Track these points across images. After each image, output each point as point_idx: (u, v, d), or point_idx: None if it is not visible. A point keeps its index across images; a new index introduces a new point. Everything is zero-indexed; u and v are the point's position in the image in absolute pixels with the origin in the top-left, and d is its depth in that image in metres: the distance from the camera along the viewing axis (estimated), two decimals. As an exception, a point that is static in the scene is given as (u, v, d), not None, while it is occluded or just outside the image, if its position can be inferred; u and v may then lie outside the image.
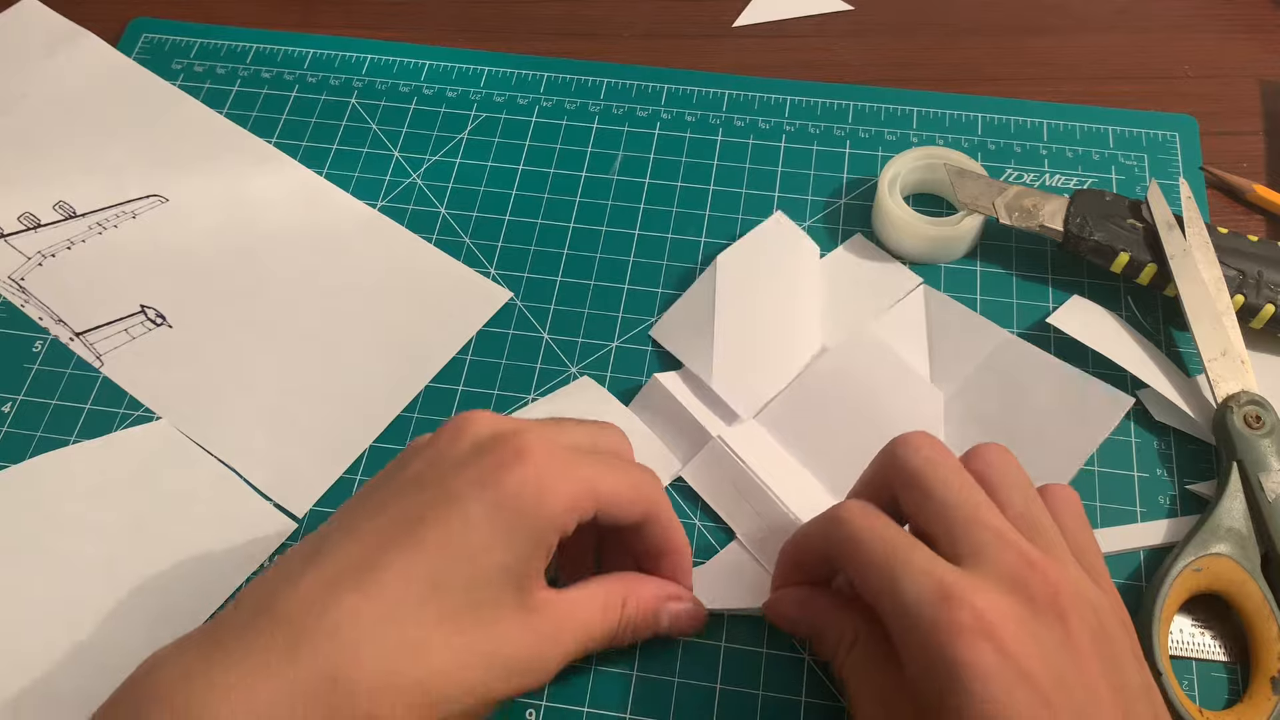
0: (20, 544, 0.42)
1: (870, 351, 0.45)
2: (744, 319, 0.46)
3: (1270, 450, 0.41)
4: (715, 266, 0.47)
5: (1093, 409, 0.43)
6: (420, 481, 0.34)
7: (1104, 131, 0.53)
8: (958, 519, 0.33)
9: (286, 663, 0.30)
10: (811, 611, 0.38)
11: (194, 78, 0.57)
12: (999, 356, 0.45)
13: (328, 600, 0.31)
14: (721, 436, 0.43)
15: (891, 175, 0.49)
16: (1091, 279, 0.48)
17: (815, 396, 0.44)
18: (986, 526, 0.33)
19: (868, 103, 0.55)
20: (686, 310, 0.47)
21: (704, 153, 0.53)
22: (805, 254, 0.49)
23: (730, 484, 0.42)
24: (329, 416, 0.46)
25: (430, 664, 0.32)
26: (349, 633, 0.31)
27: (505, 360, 0.47)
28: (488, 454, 0.34)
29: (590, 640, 0.36)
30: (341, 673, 0.30)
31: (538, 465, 0.33)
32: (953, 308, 0.47)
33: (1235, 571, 0.39)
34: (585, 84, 0.56)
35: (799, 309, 0.47)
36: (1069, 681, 0.30)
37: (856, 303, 0.47)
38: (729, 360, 0.45)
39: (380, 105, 0.56)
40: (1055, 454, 0.43)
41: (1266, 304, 0.44)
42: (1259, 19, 0.58)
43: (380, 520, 0.33)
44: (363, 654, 0.31)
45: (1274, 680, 0.37)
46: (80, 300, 0.49)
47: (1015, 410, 0.44)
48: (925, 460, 0.35)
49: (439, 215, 0.52)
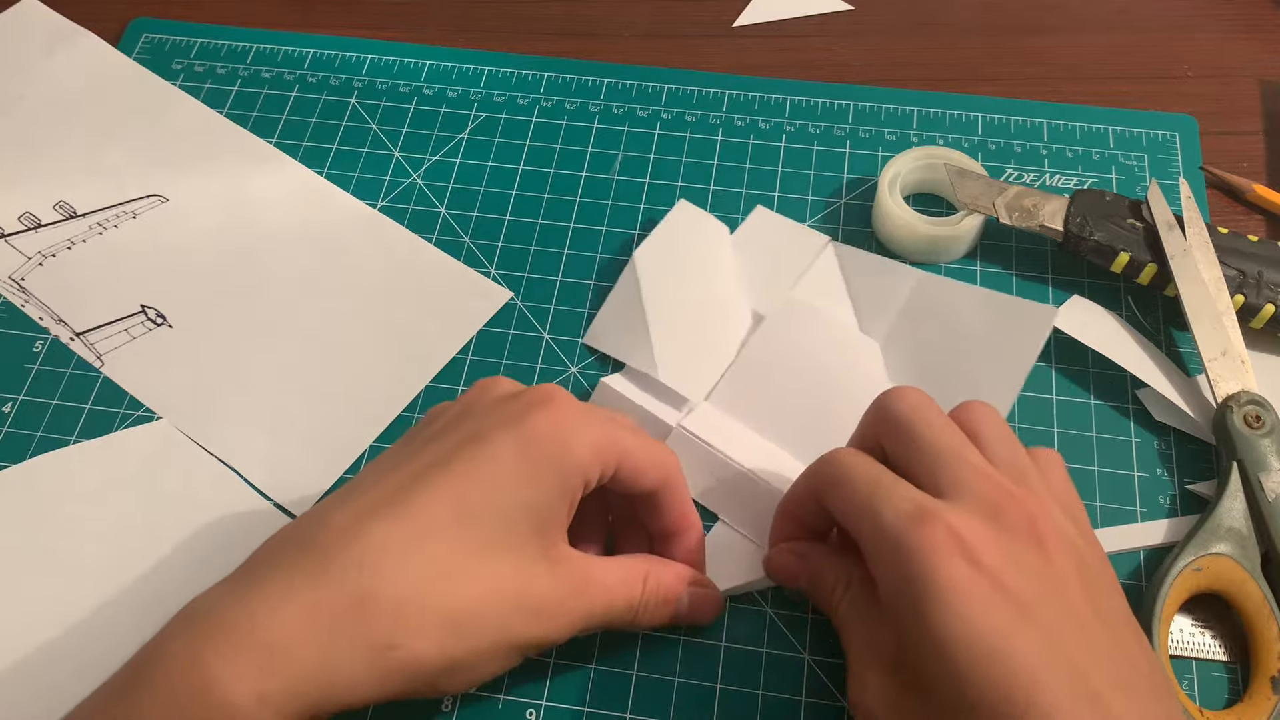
0: (20, 544, 0.42)
1: (800, 317, 0.46)
2: (674, 307, 0.47)
3: (1270, 450, 0.41)
4: (633, 263, 0.47)
5: (1022, 325, 0.44)
6: (446, 430, 0.35)
7: (1104, 131, 0.53)
8: (940, 457, 0.34)
9: (311, 586, 0.31)
10: (808, 561, 0.38)
11: (194, 78, 0.57)
12: (919, 294, 0.46)
13: (357, 530, 0.32)
14: (682, 425, 0.43)
15: (892, 175, 0.49)
16: (1091, 279, 0.48)
17: (759, 370, 0.45)
18: (967, 463, 0.33)
19: (868, 103, 0.55)
20: (614, 311, 0.47)
21: (704, 153, 0.53)
22: (716, 234, 0.49)
23: (702, 468, 0.43)
24: (329, 416, 0.46)
25: (456, 592, 0.32)
26: (376, 557, 0.31)
27: (505, 360, 0.47)
28: (514, 401, 0.35)
29: (611, 607, 0.36)
30: (367, 594, 0.31)
31: (564, 412, 0.34)
32: (864, 257, 0.48)
33: (1235, 571, 0.39)
34: (585, 84, 0.56)
35: (723, 287, 0.48)
36: (1049, 600, 0.30)
37: (773, 271, 0.48)
38: (669, 350, 0.45)
39: (380, 105, 0.56)
40: (995, 376, 0.43)
41: (1267, 304, 0.44)
42: (1259, 19, 0.58)
43: (409, 467, 0.34)
44: (389, 577, 0.31)
45: (1274, 680, 0.37)
46: (80, 300, 0.49)
47: (949, 343, 0.44)
48: (911, 408, 0.35)
49: (439, 215, 0.52)
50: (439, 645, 0.32)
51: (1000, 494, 0.32)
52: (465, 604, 0.32)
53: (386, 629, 0.31)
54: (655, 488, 0.37)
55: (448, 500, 0.33)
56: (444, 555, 0.32)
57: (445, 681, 0.33)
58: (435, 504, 0.33)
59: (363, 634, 0.31)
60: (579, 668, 0.40)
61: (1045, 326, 0.44)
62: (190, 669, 0.30)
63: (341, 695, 0.31)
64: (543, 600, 0.34)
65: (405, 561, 0.32)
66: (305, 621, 0.30)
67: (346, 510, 0.33)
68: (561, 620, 0.34)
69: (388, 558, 0.32)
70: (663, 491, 0.37)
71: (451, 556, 0.32)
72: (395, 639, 0.31)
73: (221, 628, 0.30)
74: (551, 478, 0.34)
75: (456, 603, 0.32)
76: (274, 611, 0.30)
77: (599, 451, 0.35)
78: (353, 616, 0.31)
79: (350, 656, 0.31)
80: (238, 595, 0.31)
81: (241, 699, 0.29)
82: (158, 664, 0.30)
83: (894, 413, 0.36)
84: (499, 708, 0.39)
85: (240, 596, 0.31)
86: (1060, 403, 0.45)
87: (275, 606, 0.31)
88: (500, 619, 0.33)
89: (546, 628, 0.34)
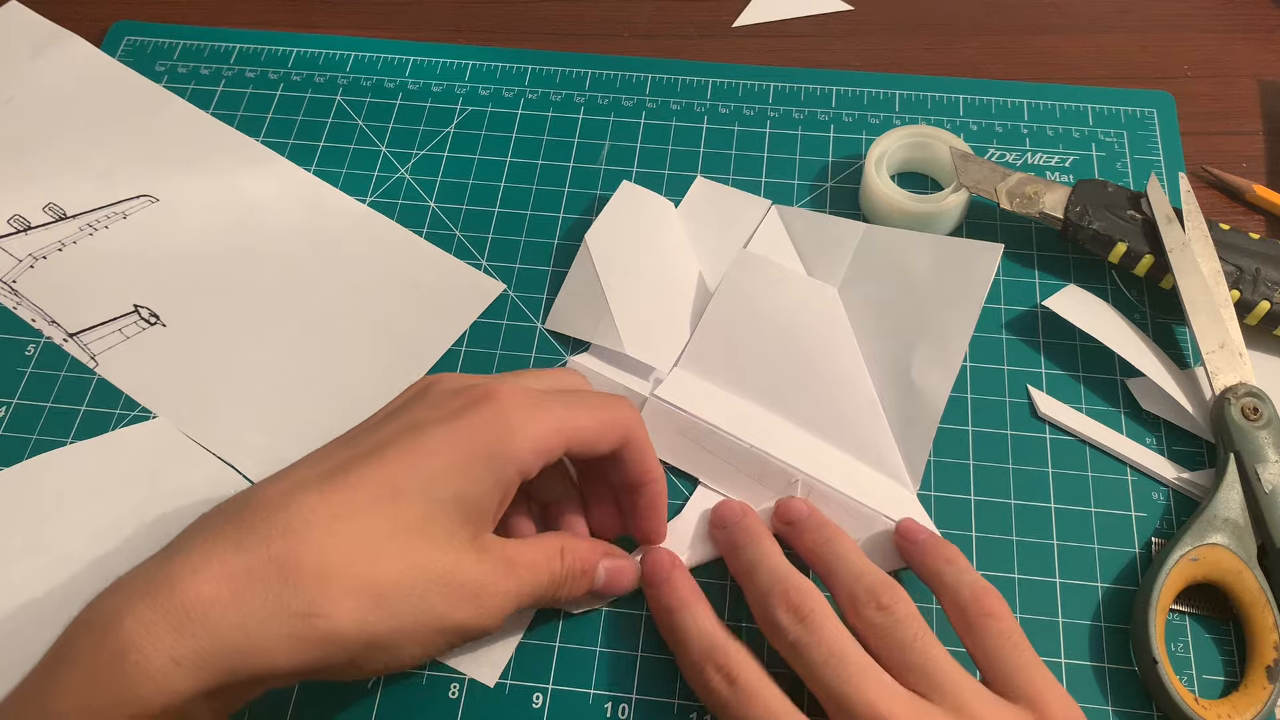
0: (20, 543, 0.42)
1: (757, 270, 0.47)
2: (631, 283, 0.47)
3: (1267, 442, 0.41)
4: (585, 245, 0.48)
5: (969, 264, 0.45)
6: (387, 420, 0.36)
7: (1083, 110, 0.54)
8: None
9: (234, 550, 0.31)
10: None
11: (178, 79, 0.57)
12: (866, 245, 0.47)
13: (286, 500, 0.32)
14: (655, 394, 0.44)
15: (879, 153, 0.50)
16: (1076, 254, 0.49)
17: (723, 329, 0.46)
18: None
19: (851, 87, 0.55)
20: (572, 294, 0.48)
21: (690, 140, 0.54)
22: (662, 209, 0.50)
23: (681, 435, 0.44)
24: (325, 411, 0.46)
25: (380, 565, 0.32)
26: (301, 526, 0.31)
27: (500, 351, 0.47)
28: (455, 398, 0.35)
29: (538, 584, 0.36)
30: (289, 560, 0.31)
31: (504, 405, 0.35)
32: (807, 216, 0.49)
33: (1232, 561, 0.39)
34: (570, 75, 0.56)
35: (675, 259, 0.49)
36: None
37: (721, 238, 0.49)
38: (632, 324, 0.46)
39: (366, 101, 0.56)
40: (948, 317, 0.44)
41: (1262, 300, 0.44)
42: (1259, 19, 0.58)
43: (347, 451, 0.35)
44: (313, 545, 0.31)
45: (1269, 669, 0.38)
46: (73, 301, 0.49)
47: (900, 289, 0.45)
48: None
49: (429, 209, 0.52)
50: (359, 617, 0.31)
51: None
52: (388, 578, 0.32)
53: (307, 596, 0.31)
54: (614, 449, 0.37)
55: (379, 482, 0.33)
56: (371, 531, 0.32)
57: (367, 660, 0.32)
58: (367, 483, 0.33)
59: (282, 600, 0.30)
60: (584, 650, 0.40)
61: (991, 264, 0.44)
62: (107, 634, 0.29)
63: (260, 662, 0.30)
64: (469, 582, 0.34)
65: (331, 532, 0.32)
66: (224, 584, 0.30)
67: (279, 484, 0.33)
68: (491, 603, 0.34)
69: (313, 527, 0.32)
70: (623, 450, 0.38)
71: (378, 533, 0.32)
72: (315, 607, 0.31)
73: (142, 593, 0.30)
74: (485, 473, 0.34)
75: (380, 576, 0.32)
76: (194, 574, 0.30)
77: (541, 443, 0.35)
78: (273, 581, 0.30)
79: (269, 622, 0.30)
80: (159, 561, 0.31)
81: (156, 662, 0.29)
82: (79, 633, 0.30)
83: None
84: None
85: (162, 563, 0.31)
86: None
87: (195, 569, 0.30)
88: (424, 598, 0.33)
89: (475, 611, 0.34)
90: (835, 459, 0.43)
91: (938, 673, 0.34)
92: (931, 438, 0.42)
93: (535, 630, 0.41)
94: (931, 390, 0.43)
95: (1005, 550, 0.42)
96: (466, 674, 0.40)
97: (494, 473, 0.34)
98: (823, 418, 0.44)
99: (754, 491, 0.42)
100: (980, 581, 0.37)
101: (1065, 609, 0.41)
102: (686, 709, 0.39)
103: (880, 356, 0.44)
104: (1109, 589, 0.41)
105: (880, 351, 0.45)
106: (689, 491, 0.43)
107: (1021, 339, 0.47)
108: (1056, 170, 0.52)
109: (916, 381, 0.43)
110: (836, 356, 0.45)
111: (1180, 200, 0.47)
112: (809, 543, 0.39)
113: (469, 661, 0.40)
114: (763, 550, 0.39)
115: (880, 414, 0.44)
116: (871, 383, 0.44)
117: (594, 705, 0.39)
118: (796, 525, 0.40)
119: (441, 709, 0.39)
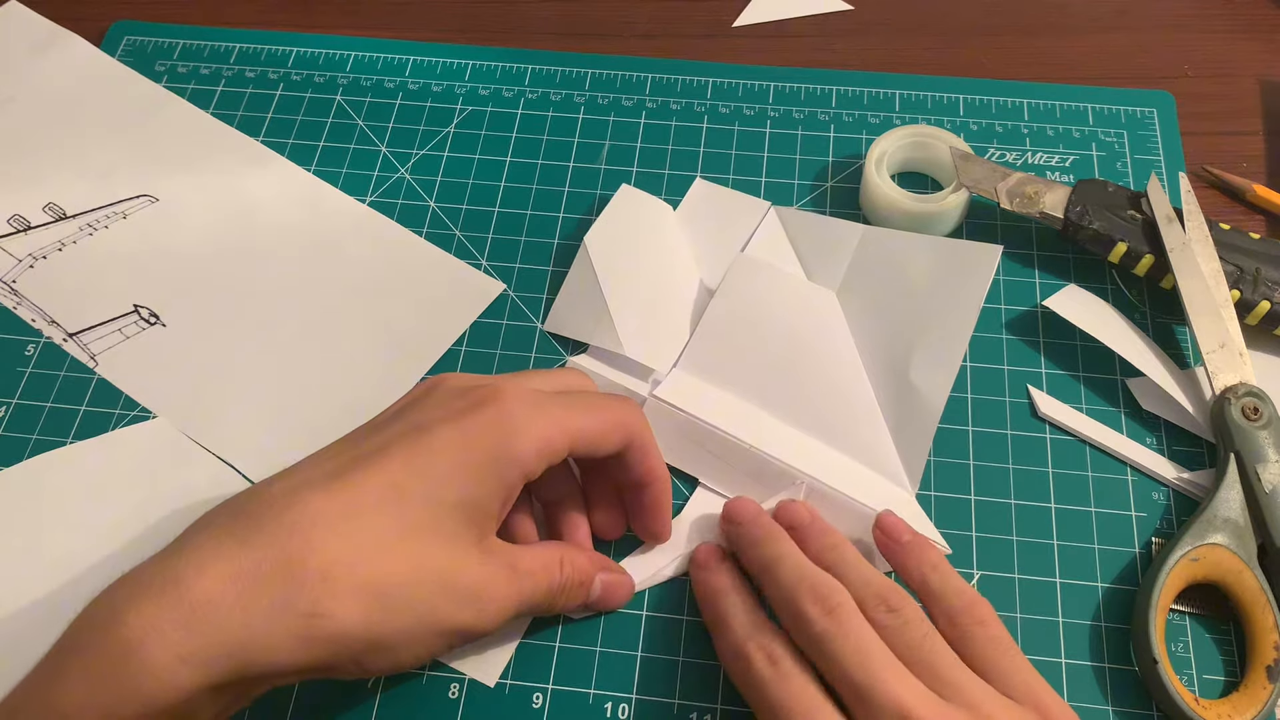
0: (20, 543, 0.42)
1: (756, 273, 0.47)
2: (630, 285, 0.47)
3: (1268, 442, 0.41)
4: (584, 247, 0.48)
5: (968, 265, 0.45)
6: (392, 420, 0.36)
7: (1083, 109, 0.54)
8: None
9: (240, 549, 0.31)
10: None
11: (178, 79, 0.57)
12: (866, 247, 0.47)
13: (292, 499, 0.32)
14: (655, 394, 0.44)
15: (879, 153, 0.50)
16: (1076, 254, 0.49)
17: (722, 331, 0.46)
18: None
19: (851, 87, 0.55)
20: (571, 295, 0.48)
21: (690, 140, 0.54)
22: (661, 212, 0.50)
23: (680, 436, 0.44)
24: (325, 411, 0.46)
25: (384, 567, 0.32)
26: (307, 525, 0.32)
27: (500, 350, 0.47)
28: (459, 399, 0.35)
29: (537, 591, 0.36)
30: (295, 559, 0.31)
31: (508, 407, 0.35)
32: (806, 217, 0.49)
33: (1232, 561, 0.39)
34: (570, 75, 0.56)
35: (674, 261, 0.49)
36: None
37: (720, 241, 0.49)
38: (632, 326, 0.46)
39: (366, 101, 0.56)
40: (947, 319, 0.44)
41: (1262, 300, 0.44)
42: (1259, 19, 0.58)
43: (352, 451, 0.35)
44: (318, 545, 0.31)
45: (1269, 669, 0.38)
46: (73, 301, 0.49)
47: (899, 290, 0.45)
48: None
49: (429, 209, 0.52)
50: (364, 617, 0.31)
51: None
52: (393, 579, 0.32)
53: (312, 595, 0.31)
54: (618, 449, 0.38)
55: (384, 483, 0.33)
56: (375, 531, 0.32)
57: (370, 660, 0.33)
58: (371, 484, 0.33)
59: (288, 599, 0.31)
60: (584, 650, 0.40)
61: (991, 265, 0.44)
62: (112, 631, 0.30)
63: (264, 660, 0.30)
64: (472, 586, 0.34)
65: (336, 532, 0.32)
66: (230, 582, 0.30)
67: (284, 483, 0.33)
68: (492, 607, 0.34)
69: (319, 527, 0.32)
70: (628, 450, 0.38)
71: (383, 533, 0.32)
72: (320, 606, 0.31)
73: (148, 590, 0.30)
74: (489, 475, 0.34)
75: (384, 577, 0.32)
76: (200, 572, 0.30)
77: (545, 444, 0.35)
78: (279, 580, 0.31)
79: (274, 621, 0.30)
80: (164, 558, 0.31)
81: (161, 659, 0.29)
82: (84, 629, 0.30)
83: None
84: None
85: (167, 560, 0.31)
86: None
87: (201, 567, 0.30)
88: (428, 599, 0.33)
89: (476, 614, 0.34)
90: (833, 460, 0.43)
91: (948, 673, 0.34)
92: (930, 439, 0.42)
93: (535, 630, 0.41)
94: (931, 391, 0.43)
95: (1005, 550, 0.42)
96: (466, 674, 0.40)
97: (498, 475, 0.34)
98: (820, 420, 0.44)
99: (754, 492, 0.42)
100: (969, 590, 0.37)
101: (1065, 609, 0.41)
102: (686, 709, 0.39)
103: (880, 357, 0.44)
104: (1109, 589, 0.41)
105: (880, 352, 0.45)
106: (689, 491, 0.43)
107: (1021, 339, 0.47)
108: (1056, 170, 0.52)
109: (915, 383, 0.43)
110: (834, 360, 0.45)
111: (1180, 200, 0.47)
112: (814, 549, 0.39)
113: (469, 662, 0.40)
114: (785, 547, 0.38)
115: (878, 416, 0.44)
116: (870, 385, 0.44)
117: (594, 705, 0.39)
118: (800, 531, 0.40)
119: (441, 709, 0.39)
